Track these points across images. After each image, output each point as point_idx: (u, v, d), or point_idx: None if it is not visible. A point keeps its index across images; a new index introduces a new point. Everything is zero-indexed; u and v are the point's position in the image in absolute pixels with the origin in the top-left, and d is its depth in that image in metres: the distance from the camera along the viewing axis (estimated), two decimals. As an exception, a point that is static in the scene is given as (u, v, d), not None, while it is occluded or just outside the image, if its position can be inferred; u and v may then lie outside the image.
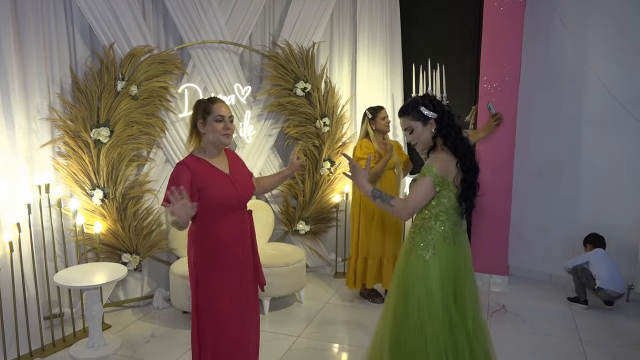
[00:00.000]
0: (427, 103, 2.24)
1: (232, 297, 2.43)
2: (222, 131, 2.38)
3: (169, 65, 3.99)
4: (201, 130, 2.40)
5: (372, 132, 3.95)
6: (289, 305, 4.14)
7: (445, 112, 2.25)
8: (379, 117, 3.95)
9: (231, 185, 2.43)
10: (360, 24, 4.90)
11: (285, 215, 4.73)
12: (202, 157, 2.40)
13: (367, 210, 3.98)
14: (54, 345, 3.40)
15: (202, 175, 2.34)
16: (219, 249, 2.39)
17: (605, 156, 4.32)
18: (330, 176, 4.77)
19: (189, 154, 2.43)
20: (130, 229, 3.87)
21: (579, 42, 4.34)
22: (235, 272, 2.45)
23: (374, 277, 4.05)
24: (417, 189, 2.20)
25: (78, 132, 3.64)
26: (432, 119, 2.23)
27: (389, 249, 4.02)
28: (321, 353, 3.40)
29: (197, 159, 2.39)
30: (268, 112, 4.56)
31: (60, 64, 3.64)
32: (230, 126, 2.41)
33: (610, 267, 3.96)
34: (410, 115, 2.26)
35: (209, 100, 2.43)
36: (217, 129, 2.37)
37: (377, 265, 4.04)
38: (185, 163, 2.36)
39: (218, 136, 2.37)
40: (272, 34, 4.64)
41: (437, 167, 2.18)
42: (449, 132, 2.22)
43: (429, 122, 2.23)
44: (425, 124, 2.24)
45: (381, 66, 5.01)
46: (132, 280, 4.06)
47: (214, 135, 2.37)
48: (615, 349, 3.41)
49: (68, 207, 3.66)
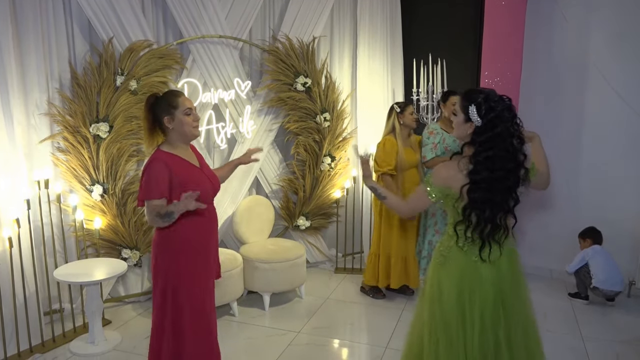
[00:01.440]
0: (481, 105, 1.98)
1: (210, 291, 2.47)
2: (193, 123, 2.36)
3: (168, 60, 3.97)
4: (168, 125, 2.35)
5: (398, 127, 3.91)
6: (289, 300, 4.14)
7: (496, 130, 1.96)
8: (407, 112, 3.92)
9: (206, 178, 2.43)
10: (360, 19, 4.87)
11: (286, 211, 4.72)
12: (173, 152, 2.36)
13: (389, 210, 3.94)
14: (54, 341, 3.39)
15: (180, 171, 2.32)
16: (197, 245, 2.39)
17: (607, 151, 4.30)
18: (330, 171, 4.75)
19: (156, 150, 2.37)
20: (130, 225, 3.87)
21: (581, 37, 4.31)
22: (211, 266, 2.49)
23: (398, 277, 3.99)
24: (416, 193, 2.20)
25: (77, 128, 3.63)
26: (473, 123, 2.02)
27: (413, 248, 4.00)
28: (321, 349, 3.40)
29: (169, 154, 2.35)
30: (268, 107, 4.54)
31: (59, 58, 3.62)
32: (199, 117, 2.41)
33: (607, 265, 3.94)
34: (462, 102, 2.07)
35: (172, 94, 2.38)
36: (188, 121, 2.34)
37: (403, 264, 4.00)
38: (159, 158, 2.31)
39: (189, 129, 2.35)
40: (272, 28, 4.62)
41: (435, 177, 2.10)
42: (479, 151, 1.99)
43: (470, 122, 2.03)
44: (466, 120, 2.05)
45: (382, 61, 4.98)
46: (132, 276, 4.06)
47: (184, 129, 2.34)
48: (617, 345, 3.40)
49: (67, 203, 3.65)
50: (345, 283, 4.50)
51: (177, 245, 2.35)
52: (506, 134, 1.98)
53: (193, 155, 2.47)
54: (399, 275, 3.99)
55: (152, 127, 2.38)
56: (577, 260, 4.08)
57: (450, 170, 2.06)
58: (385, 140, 3.94)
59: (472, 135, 2.04)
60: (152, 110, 2.37)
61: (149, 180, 2.26)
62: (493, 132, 1.97)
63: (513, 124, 2.00)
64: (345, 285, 4.44)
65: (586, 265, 4.01)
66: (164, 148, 2.37)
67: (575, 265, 4.07)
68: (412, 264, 4.00)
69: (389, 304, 4.06)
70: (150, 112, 2.37)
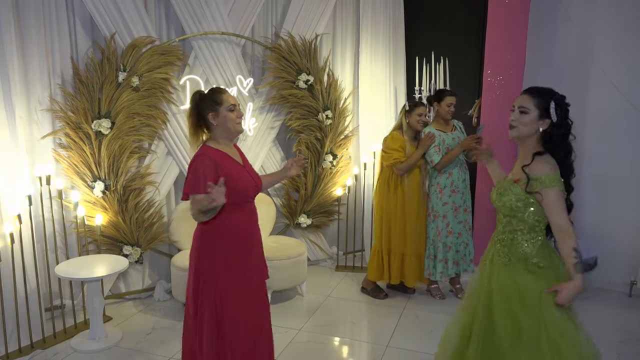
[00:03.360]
0: (560, 103, 2.06)
1: (251, 290, 2.42)
2: (237, 119, 2.38)
3: (170, 56, 3.96)
4: (212, 122, 2.36)
5: (405, 125, 3.88)
6: (290, 298, 4.14)
7: (566, 127, 2.07)
8: (414, 112, 3.85)
9: (249, 176, 2.44)
10: (363, 16, 4.86)
11: (287, 209, 4.71)
12: (218, 148, 2.38)
13: (389, 205, 3.93)
14: (55, 337, 3.40)
15: (225, 166, 2.32)
16: (238, 240, 2.37)
17: (609, 151, 4.29)
18: (332, 169, 4.75)
19: (202, 145, 2.39)
20: (131, 221, 3.86)
21: (584, 35, 4.29)
22: (252, 264, 2.45)
23: (395, 273, 3.99)
24: (555, 205, 2.00)
25: (79, 124, 3.63)
26: (550, 120, 2.06)
27: (411, 246, 3.98)
28: (322, 346, 3.40)
29: (215, 150, 2.36)
30: (270, 105, 4.53)
31: (61, 54, 3.61)
32: (242, 113, 2.42)
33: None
34: (537, 100, 2.07)
35: (216, 91, 2.40)
36: (232, 117, 2.36)
37: (400, 262, 3.99)
38: (206, 154, 2.32)
39: (233, 125, 2.37)
40: (274, 25, 4.61)
41: (556, 171, 2.04)
42: (557, 145, 2.07)
43: (545, 119, 2.06)
44: (541, 117, 2.06)
45: (384, 59, 4.97)
46: (134, 273, 4.06)
47: (228, 125, 2.36)
48: (618, 345, 3.40)
49: (69, 199, 3.65)
50: (347, 281, 4.50)
51: (217, 240, 2.34)
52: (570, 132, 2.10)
53: (237, 153, 2.49)
54: (396, 271, 3.99)
55: (197, 124, 2.40)
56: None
57: (552, 164, 2.06)
58: (391, 134, 3.93)
59: (544, 133, 2.08)
60: (197, 107, 2.38)
61: (195, 174, 2.26)
62: (567, 128, 2.07)
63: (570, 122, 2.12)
64: (347, 283, 4.44)
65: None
66: (209, 144, 2.39)
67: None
68: (409, 262, 3.98)
69: (390, 302, 4.06)
70: (195, 109, 2.39)
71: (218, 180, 2.16)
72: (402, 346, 3.39)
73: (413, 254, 3.98)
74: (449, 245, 3.96)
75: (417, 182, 3.94)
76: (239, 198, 2.35)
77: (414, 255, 3.98)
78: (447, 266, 3.97)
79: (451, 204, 3.93)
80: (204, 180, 2.17)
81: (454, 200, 3.93)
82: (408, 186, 3.90)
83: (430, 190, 3.98)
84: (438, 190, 3.92)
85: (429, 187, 4.01)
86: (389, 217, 3.96)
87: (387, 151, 3.89)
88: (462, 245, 3.99)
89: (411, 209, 3.93)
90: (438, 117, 3.98)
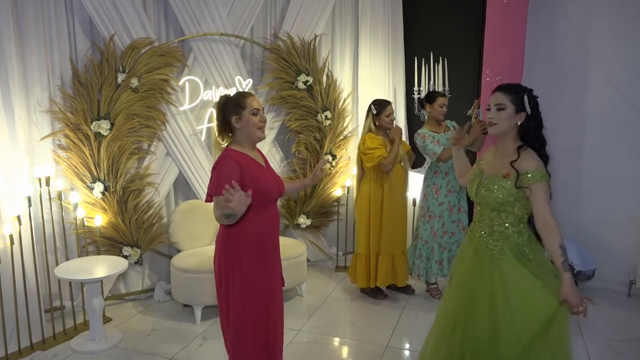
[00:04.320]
0: (531, 96, 2.18)
1: (273, 294, 2.43)
2: (259, 124, 2.39)
3: (169, 57, 3.97)
4: (236, 125, 2.36)
5: (374, 128, 3.88)
6: (290, 299, 4.14)
7: (539, 118, 2.19)
8: (383, 114, 3.86)
9: (272, 179, 2.45)
10: (362, 17, 4.87)
11: (287, 209, 4.71)
12: (241, 151, 2.38)
13: (376, 207, 3.91)
14: (55, 338, 3.40)
15: (250, 169, 2.33)
16: (262, 243, 2.38)
17: (608, 150, 4.29)
18: (331, 170, 4.75)
19: (226, 148, 2.39)
20: (131, 222, 3.87)
21: (583, 35, 4.29)
22: (274, 266, 2.47)
23: (385, 275, 3.97)
24: (541, 198, 2.08)
25: (78, 125, 3.63)
26: (525, 113, 2.17)
27: (400, 245, 3.99)
28: (322, 347, 3.40)
29: (238, 152, 2.37)
30: (269, 105, 4.54)
31: (61, 55, 3.61)
32: (265, 118, 2.43)
33: (575, 248, 4.04)
34: (511, 95, 2.18)
35: (242, 95, 2.41)
36: (254, 122, 2.37)
37: (390, 262, 3.99)
38: (231, 156, 2.32)
39: (254, 129, 2.38)
40: (273, 26, 4.61)
41: (540, 166, 2.11)
42: (534, 137, 2.18)
43: (521, 113, 2.17)
44: (517, 111, 2.17)
45: (383, 59, 4.98)
46: (133, 274, 4.06)
47: (251, 129, 2.37)
48: (618, 345, 3.40)
49: (68, 200, 3.65)
50: (346, 281, 4.50)
51: (240, 242, 2.34)
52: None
53: (259, 156, 2.50)
54: (385, 273, 3.98)
55: (223, 127, 2.41)
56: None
57: (536, 157, 2.15)
58: (368, 136, 3.88)
59: (520, 126, 2.18)
60: (222, 110, 2.39)
61: (219, 176, 2.25)
62: (539, 119, 2.18)
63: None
64: (346, 283, 4.44)
65: None
66: (233, 146, 2.39)
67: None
68: (398, 261, 3.99)
69: (389, 302, 4.06)
70: (220, 113, 2.40)
71: (242, 182, 2.20)
72: (402, 346, 3.40)
73: (402, 252, 4.00)
74: (443, 246, 3.98)
75: (401, 178, 3.97)
76: (263, 201, 2.35)
77: (402, 254, 4.01)
78: (442, 266, 4.00)
79: (447, 203, 3.94)
80: (229, 181, 2.17)
81: (449, 200, 3.94)
82: (394, 183, 3.91)
83: (427, 190, 3.99)
84: (434, 191, 3.93)
85: (425, 188, 4.02)
86: (378, 219, 3.92)
87: (367, 152, 3.84)
88: (455, 244, 4.00)
89: (398, 206, 3.97)
90: (431, 118, 3.99)
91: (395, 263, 3.99)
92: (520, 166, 2.12)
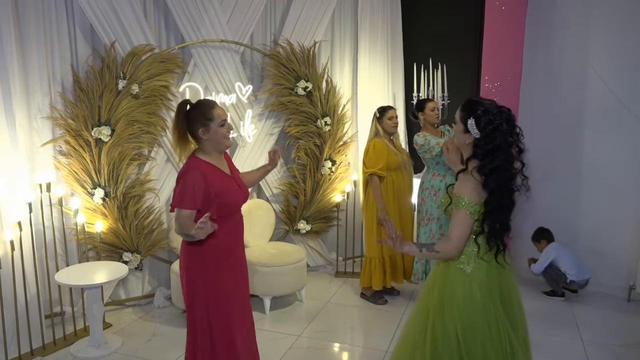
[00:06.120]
0: (480, 118, 2.01)
1: (242, 300, 2.45)
2: (227, 134, 2.36)
3: (170, 64, 3.99)
4: (203, 137, 2.33)
5: (381, 131, 3.99)
6: (289, 304, 4.14)
7: (493, 143, 2.00)
8: (385, 117, 3.97)
9: (237, 187, 2.43)
10: (361, 23, 4.90)
11: (286, 215, 4.72)
12: (208, 161, 2.37)
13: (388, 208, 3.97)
14: (55, 344, 3.40)
15: (216, 182, 2.32)
16: (224, 251, 2.38)
17: (606, 154, 4.30)
18: (331, 175, 4.76)
19: (193, 156, 2.36)
20: (131, 228, 3.87)
21: (581, 40, 4.32)
22: (239, 273, 2.47)
23: (399, 273, 4.13)
24: (456, 221, 2.08)
25: (79, 131, 3.64)
26: (472, 135, 2.05)
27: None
28: (322, 352, 3.40)
29: (205, 162, 2.34)
30: (269, 112, 4.55)
31: (62, 62, 3.63)
32: (232, 127, 2.43)
33: (573, 258, 4.11)
34: (461, 113, 2.09)
35: (206, 106, 2.35)
36: (223, 133, 2.34)
37: (401, 261, 4.12)
38: (198, 168, 2.29)
39: (222, 140, 2.35)
40: (273, 33, 4.64)
41: (468, 195, 2.04)
42: (484, 165, 2.04)
43: (468, 134, 2.06)
44: (465, 132, 2.08)
45: (382, 65, 5.00)
46: (133, 279, 4.06)
47: (219, 139, 2.34)
48: (617, 349, 3.40)
49: (69, 206, 3.66)
50: (346, 287, 4.50)
51: (203, 251, 2.33)
52: (505, 145, 2.03)
53: (224, 162, 2.47)
54: (399, 271, 4.13)
55: (184, 135, 2.35)
56: (541, 260, 4.19)
57: (472, 184, 2.07)
58: (374, 142, 3.98)
59: (472, 147, 2.08)
60: (186, 119, 2.33)
61: (184, 188, 2.24)
62: (493, 144, 2.01)
63: (513, 134, 2.05)
64: (346, 289, 4.44)
65: (552, 264, 4.13)
66: (199, 155, 2.36)
67: (541, 265, 4.19)
68: (407, 258, 4.10)
69: (389, 307, 4.07)
70: (183, 121, 2.33)
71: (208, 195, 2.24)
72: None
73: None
74: None
75: (407, 182, 4.09)
76: (228, 213, 2.36)
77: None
78: None
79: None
80: (193, 195, 2.19)
81: None
82: (401, 187, 4.03)
83: (425, 194, 4.00)
84: (432, 193, 3.94)
85: (423, 191, 4.04)
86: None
87: (367, 163, 3.97)
88: None
89: (405, 208, 4.10)
90: (426, 124, 4.03)
91: (405, 260, 4.13)
92: (455, 189, 2.12)
